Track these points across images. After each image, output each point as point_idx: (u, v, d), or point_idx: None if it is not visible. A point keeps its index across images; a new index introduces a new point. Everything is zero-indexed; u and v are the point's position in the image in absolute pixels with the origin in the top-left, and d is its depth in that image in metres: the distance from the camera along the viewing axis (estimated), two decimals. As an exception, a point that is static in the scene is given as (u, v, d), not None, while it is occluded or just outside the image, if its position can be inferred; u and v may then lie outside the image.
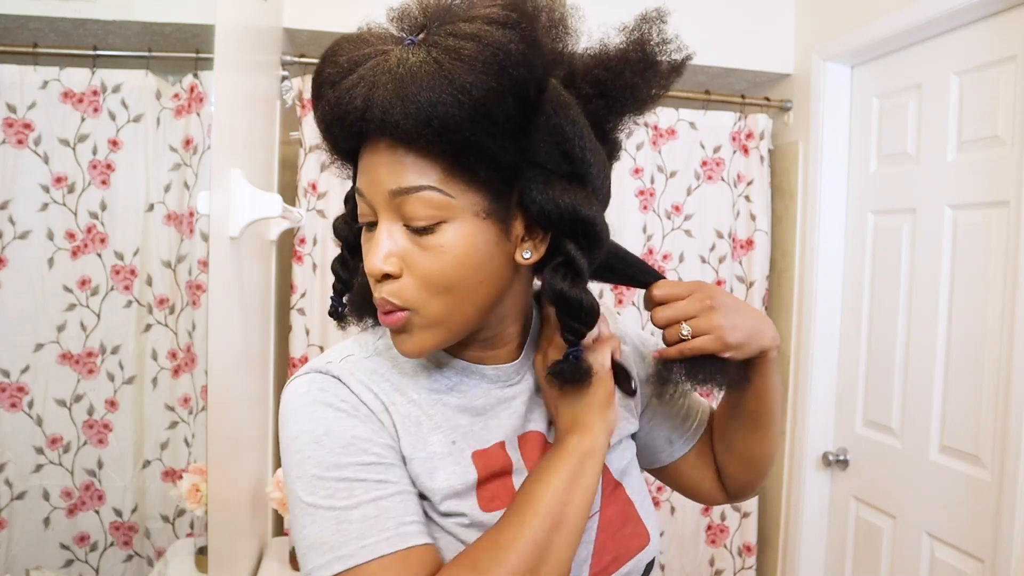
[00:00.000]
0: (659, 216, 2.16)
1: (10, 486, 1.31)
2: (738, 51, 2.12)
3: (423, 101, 0.53)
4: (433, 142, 0.55)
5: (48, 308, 1.37)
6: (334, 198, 1.94)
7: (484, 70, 0.53)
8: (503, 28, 0.54)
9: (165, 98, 1.50)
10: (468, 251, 0.60)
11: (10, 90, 1.35)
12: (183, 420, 1.47)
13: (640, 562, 0.73)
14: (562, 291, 0.62)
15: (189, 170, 1.49)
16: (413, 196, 0.58)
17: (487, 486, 0.67)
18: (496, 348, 0.70)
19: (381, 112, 0.55)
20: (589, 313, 0.63)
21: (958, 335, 1.67)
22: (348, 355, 0.68)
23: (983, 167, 1.61)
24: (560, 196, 0.60)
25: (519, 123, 0.57)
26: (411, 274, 0.60)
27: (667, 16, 0.68)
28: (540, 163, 0.60)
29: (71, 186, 1.39)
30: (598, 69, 0.67)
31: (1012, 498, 1.46)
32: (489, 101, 0.54)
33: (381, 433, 0.63)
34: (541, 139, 0.59)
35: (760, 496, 2.25)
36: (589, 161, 0.62)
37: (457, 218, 0.59)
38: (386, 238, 0.60)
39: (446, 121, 0.53)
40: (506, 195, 0.60)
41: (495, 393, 0.71)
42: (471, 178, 0.58)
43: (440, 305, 0.61)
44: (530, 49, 0.55)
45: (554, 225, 0.61)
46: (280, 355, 1.98)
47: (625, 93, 0.68)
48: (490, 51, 0.53)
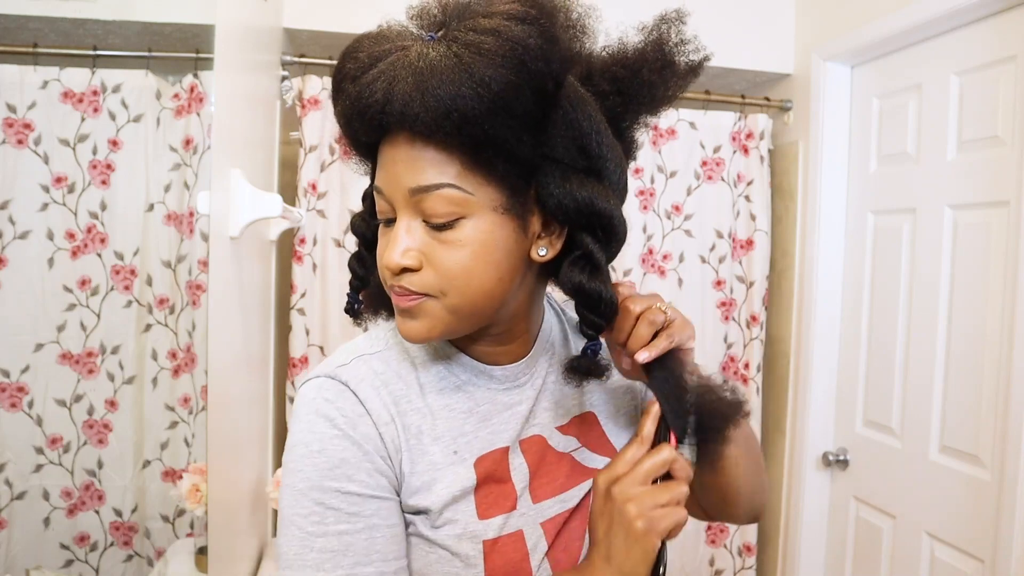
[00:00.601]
0: (659, 216, 2.16)
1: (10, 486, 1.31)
2: (738, 51, 2.12)
3: (443, 94, 0.54)
4: (452, 135, 0.56)
5: (48, 308, 1.37)
6: (334, 198, 1.94)
7: (503, 64, 0.54)
8: (522, 24, 0.55)
9: (165, 98, 1.50)
10: (486, 246, 0.60)
11: (10, 90, 1.35)
12: (183, 420, 1.47)
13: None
14: (580, 283, 0.63)
15: (189, 170, 1.49)
16: (433, 194, 0.59)
17: (485, 491, 0.67)
18: (506, 344, 0.70)
19: (401, 105, 0.55)
20: (609, 306, 0.63)
21: (958, 335, 1.67)
22: (360, 355, 0.68)
23: (983, 167, 1.61)
24: (577, 190, 0.61)
25: (537, 117, 0.58)
26: (431, 267, 0.61)
27: (686, 17, 0.68)
28: (557, 158, 0.61)
29: (71, 186, 1.39)
30: (616, 67, 0.68)
31: (1012, 498, 1.46)
32: (508, 95, 0.54)
33: (373, 457, 0.63)
34: (558, 134, 0.60)
35: (760, 496, 2.25)
36: (606, 156, 0.63)
37: (475, 214, 0.60)
38: (404, 234, 0.61)
39: (465, 114, 0.54)
40: (523, 191, 0.61)
41: (500, 397, 0.71)
42: (489, 173, 0.59)
43: (456, 297, 0.61)
44: (548, 44, 0.56)
45: (571, 218, 0.62)
46: (280, 355, 1.98)
47: (642, 91, 0.68)
48: (509, 45, 0.54)
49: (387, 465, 0.64)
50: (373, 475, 0.62)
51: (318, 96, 1.90)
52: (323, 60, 1.89)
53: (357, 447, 0.62)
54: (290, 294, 1.95)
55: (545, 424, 0.73)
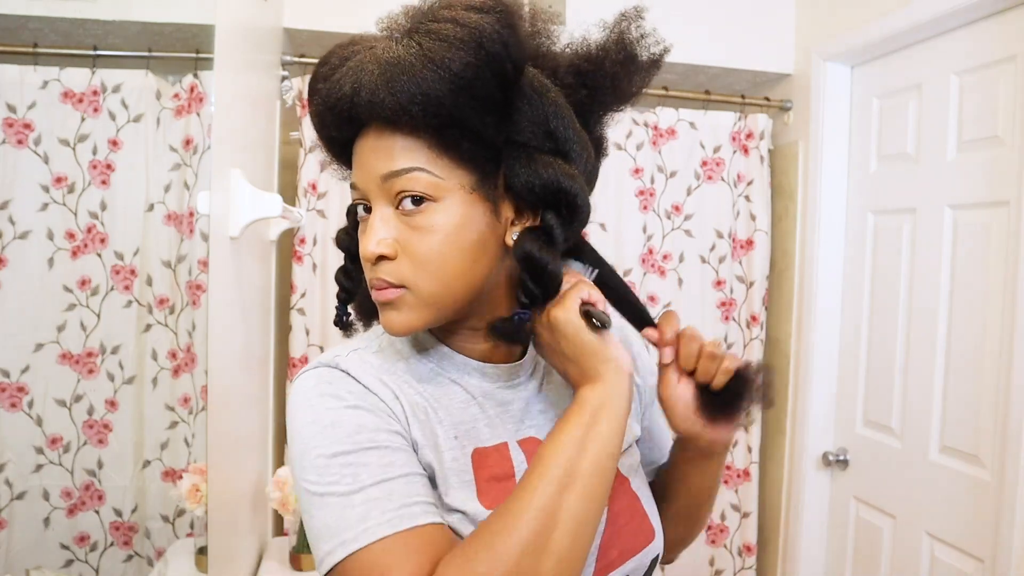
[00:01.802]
0: (659, 216, 2.16)
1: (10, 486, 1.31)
2: (738, 51, 2.13)
3: (406, 79, 0.57)
4: (419, 119, 0.58)
5: (48, 308, 1.37)
6: (334, 198, 1.94)
7: (461, 47, 0.57)
8: (479, 12, 0.58)
9: (165, 98, 1.50)
10: (458, 229, 0.62)
11: (10, 90, 1.35)
12: (183, 420, 1.47)
13: (645, 557, 0.73)
14: (530, 252, 0.63)
15: (189, 170, 1.49)
16: (403, 177, 0.61)
17: (489, 490, 0.66)
18: (490, 339, 0.70)
19: (368, 95, 0.58)
20: (552, 279, 0.65)
21: (958, 335, 1.67)
22: (355, 349, 0.69)
23: (983, 167, 1.61)
24: (543, 169, 0.62)
25: (499, 101, 0.60)
26: (405, 255, 0.62)
27: (644, 12, 0.70)
28: (523, 142, 0.63)
29: (71, 186, 1.39)
30: (580, 61, 0.70)
31: (1012, 498, 1.46)
32: (468, 74, 0.57)
33: (389, 421, 0.63)
34: (523, 119, 0.62)
35: (760, 496, 2.25)
36: (571, 139, 0.65)
37: (446, 198, 0.62)
38: (380, 223, 0.63)
39: (429, 96, 0.57)
40: (493, 175, 0.63)
41: (496, 394, 0.71)
42: (458, 156, 0.61)
43: (433, 284, 0.62)
44: (505, 29, 0.58)
45: (537, 196, 0.63)
46: (280, 355, 1.98)
47: (606, 82, 0.70)
48: (467, 30, 0.57)
49: (402, 428, 0.64)
50: (393, 435, 0.62)
51: (318, 96, 1.90)
52: (323, 60, 1.89)
53: (371, 413, 0.62)
54: (290, 294, 1.95)
55: (541, 427, 0.73)
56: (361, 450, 0.60)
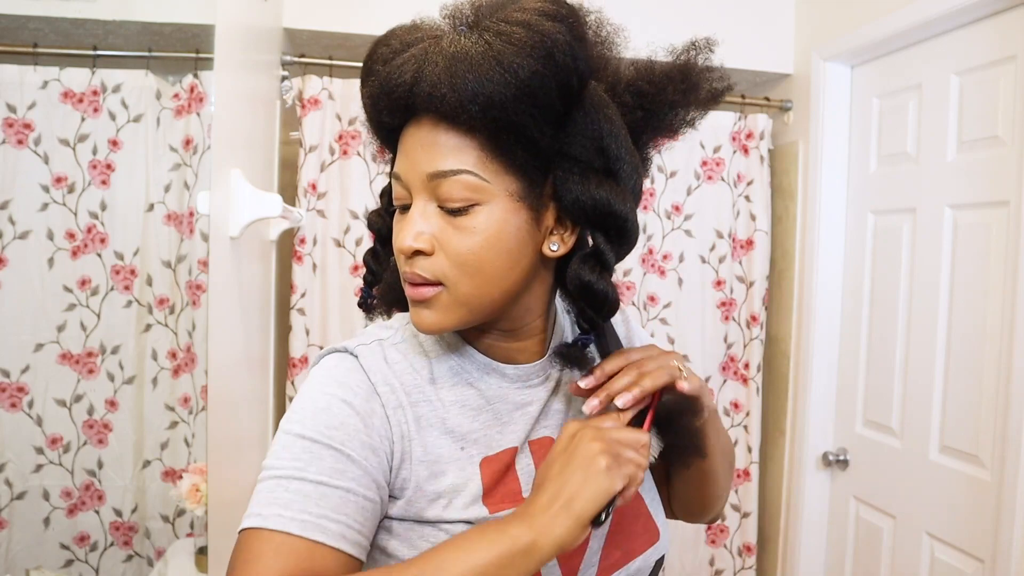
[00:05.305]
0: (659, 216, 2.16)
1: (10, 486, 1.31)
2: (738, 51, 2.12)
3: (471, 77, 0.56)
4: (476, 118, 0.57)
5: (48, 308, 1.37)
6: (334, 198, 1.94)
7: (532, 54, 0.56)
8: (552, 20, 0.57)
9: (165, 98, 1.50)
10: (499, 234, 0.61)
11: (10, 90, 1.35)
12: (183, 420, 1.47)
13: (649, 559, 0.73)
14: (589, 282, 0.64)
15: (189, 170, 1.49)
16: (450, 179, 0.60)
17: (494, 494, 0.66)
18: (520, 340, 0.71)
19: (429, 87, 0.57)
20: (611, 306, 0.65)
21: (958, 335, 1.67)
22: (379, 339, 0.69)
23: (983, 167, 1.61)
24: (596, 189, 0.62)
25: (559, 111, 0.60)
26: (443, 252, 0.62)
27: (715, 45, 0.70)
28: (575, 156, 0.62)
29: (71, 186, 1.39)
30: (642, 82, 0.69)
31: (1012, 498, 1.46)
32: (534, 83, 0.56)
33: (371, 433, 0.63)
34: (579, 132, 0.62)
35: (760, 496, 2.25)
36: (623, 159, 0.64)
37: (491, 201, 0.61)
38: (419, 217, 0.62)
39: (491, 98, 0.56)
40: (540, 183, 0.63)
41: (513, 396, 0.71)
42: (508, 162, 0.61)
43: (469, 285, 0.62)
44: (576, 41, 0.58)
45: (587, 216, 0.63)
46: (280, 355, 1.98)
47: (664, 108, 0.69)
48: (539, 37, 0.56)
49: (382, 447, 0.63)
50: (366, 449, 0.62)
51: (318, 96, 1.90)
52: (323, 60, 1.88)
53: (360, 419, 0.62)
54: (290, 294, 1.95)
55: (555, 426, 0.73)
56: (325, 445, 0.60)
